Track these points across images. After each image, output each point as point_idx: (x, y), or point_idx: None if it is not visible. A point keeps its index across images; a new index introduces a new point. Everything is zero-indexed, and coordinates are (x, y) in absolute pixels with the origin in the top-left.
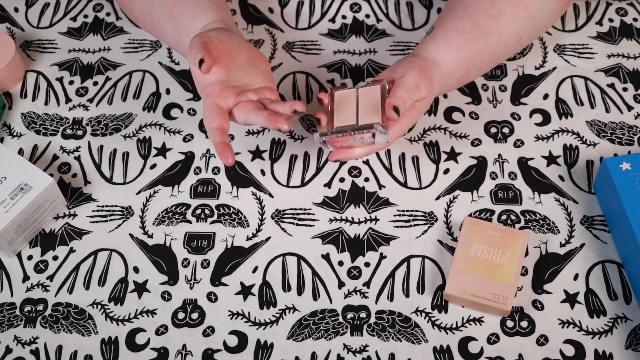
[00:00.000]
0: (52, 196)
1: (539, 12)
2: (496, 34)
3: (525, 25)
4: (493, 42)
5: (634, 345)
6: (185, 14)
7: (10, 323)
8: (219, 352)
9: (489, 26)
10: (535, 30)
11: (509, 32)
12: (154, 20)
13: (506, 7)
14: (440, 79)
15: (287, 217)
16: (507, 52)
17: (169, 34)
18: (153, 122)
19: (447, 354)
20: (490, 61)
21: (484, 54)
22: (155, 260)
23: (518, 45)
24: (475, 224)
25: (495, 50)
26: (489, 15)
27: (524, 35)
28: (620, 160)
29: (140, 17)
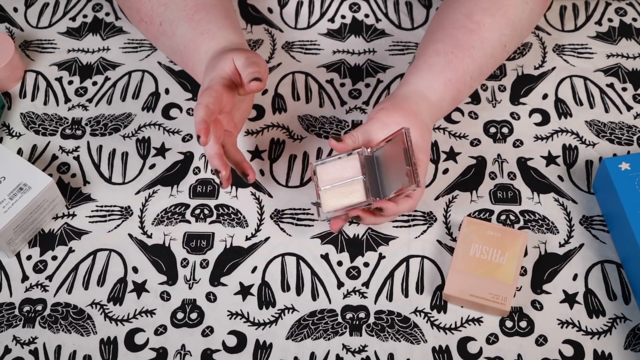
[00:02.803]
0: (51, 196)
1: (518, 16)
2: (480, 48)
3: (507, 31)
4: (478, 56)
5: (633, 345)
6: (211, 22)
7: (9, 323)
8: (218, 352)
9: (471, 41)
10: (519, 34)
11: (492, 44)
12: (164, 21)
13: (484, 18)
14: (430, 106)
15: (286, 217)
16: (494, 62)
17: (180, 35)
18: (152, 122)
19: (446, 354)
20: (480, 76)
21: (471, 70)
22: (155, 260)
23: (504, 53)
24: (475, 224)
25: (483, 65)
26: (469, 30)
27: (509, 42)
28: (620, 160)
29: (147, 17)
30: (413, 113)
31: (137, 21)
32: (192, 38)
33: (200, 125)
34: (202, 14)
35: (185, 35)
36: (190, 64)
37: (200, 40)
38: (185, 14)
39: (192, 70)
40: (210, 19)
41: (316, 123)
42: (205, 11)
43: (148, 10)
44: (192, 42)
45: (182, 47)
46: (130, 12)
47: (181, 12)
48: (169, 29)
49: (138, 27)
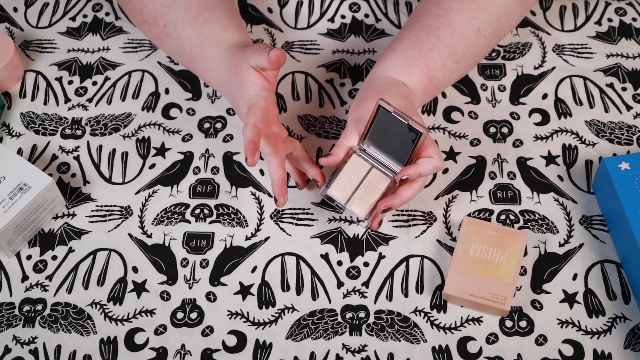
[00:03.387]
0: (51, 196)
1: (491, 2)
2: (447, 29)
3: (479, 15)
4: (446, 35)
5: (633, 344)
6: (215, 24)
7: (9, 323)
8: (218, 351)
9: (437, 24)
10: (495, 19)
11: (461, 24)
12: (168, 23)
13: (453, 4)
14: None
15: (286, 216)
16: (469, 44)
17: (186, 38)
18: (152, 122)
19: (446, 354)
20: (453, 55)
21: (439, 48)
22: (154, 260)
23: (480, 37)
24: (474, 223)
25: (453, 44)
26: (436, 15)
27: (483, 26)
28: (619, 160)
29: (150, 19)
30: (380, 91)
31: (140, 23)
32: (198, 42)
33: (249, 145)
34: (206, 16)
35: (192, 39)
36: (200, 70)
37: (205, 45)
38: (190, 16)
39: (203, 75)
40: (214, 21)
41: (316, 123)
42: (209, 12)
43: (151, 12)
44: (199, 48)
45: (189, 51)
46: (133, 14)
47: (185, 14)
48: (173, 31)
49: (141, 29)
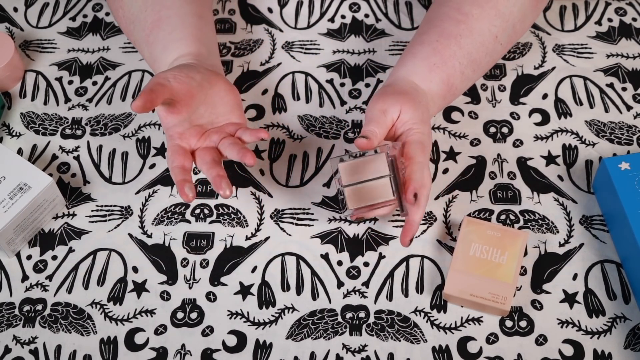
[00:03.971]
0: (51, 196)
1: (509, 9)
2: (468, 36)
3: (498, 22)
4: (466, 43)
5: (633, 344)
6: (158, 43)
7: (9, 323)
8: (218, 351)
9: (458, 30)
10: (511, 27)
11: (481, 32)
12: (135, 42)
13: (473, 9)
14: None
15: (286, 216)
16: (487, 53)
17: (146, 58)
18: (152, 122)
19: (446, 354)
20: (472, 64)
21: (459, 56)
22: (155, 260)
23: (497, 45)
24: (474, 223)
25: (472, 52)
26: (456, 21)
27: (500, 34)
28: (619, 160)
29: (127, 34)
30: (404, 91)
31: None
32: (152, 63)
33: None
34: (154, 35)
35: (148, 60)
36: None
37: (155, 67)
38: (145, 35)
39: None
40: (159, 39)
41: (316, 123)
42: (157, 29)
43: (124, 27)
44: (152, 67)
45: (151, 62)
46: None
47: (142, 33)
48: (140, 50)
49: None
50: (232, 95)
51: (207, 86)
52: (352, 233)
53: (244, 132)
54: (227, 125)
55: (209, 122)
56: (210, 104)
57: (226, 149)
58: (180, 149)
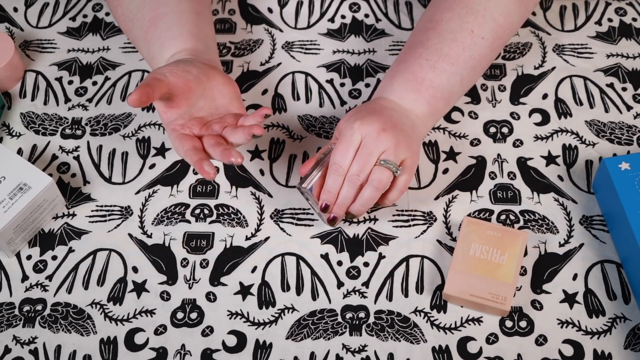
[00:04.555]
0: (51, 196)
1: (482, 4)
2: (435, 37)
3: (471, 19)
4: (433, 43)
5: (633, 345)
6: (156, 41)
7: (9, 323)
8: (218, 352)
9: (425, 37)
10: (490, 20)
11: (452, 30)
12: (134, 40)
13: (444, 14)
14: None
15: (286, 217)
16: (464, 47)
17: (145, 57)
18: (152, 122)
19: (446, 354)
20: (446, 57)
21: (426, 55)
22: (154, 260)
23: (477, 39)
24: (474, 223)
25: (443, 48)
26: (425, 29)
27: (477, 28)
28: (620, 160)
29: (125, 31)
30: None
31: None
32: (149, 60)
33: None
34: (152, 33)
35: (147, 58)
36: None
37: (153, 64)
38: (143, 33)
39: None
40: (156, 37)
41: (316, 123)
42: (154, 27)
43: (122, 25)
44: (150, 64)
45: (149, 60)
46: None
47: (140, 31)
48: (138, 48)
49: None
50: (230, 87)
51: (204, 79)
52: (352, 233)
53: (245, 118)
54: (227, 116)
55: (209, 114)
56: (210, 97)
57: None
58: (187, 135)
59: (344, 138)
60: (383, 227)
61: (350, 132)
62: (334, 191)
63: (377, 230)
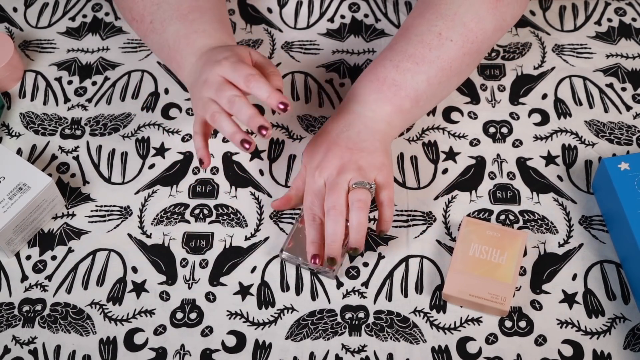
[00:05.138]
0: (50, 196)
1: (453, 9)
2: (401, 41)
3: (440, 23)
4: (399, 45)
5: (632, 345)
6: (206, 23)
7: (8, 323)
8: (218, 352)
9: (395, 41)
10: (460, 24)
11: (418, 33)
12: (155, 19)
13: (413, 20)
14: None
15: (285, 217)
16: (431, 48)
17: (172, 31)
18: (152, 122)
19: (446, 354)
20: (410, 57)
21: (390, 56)
22: (154, 260)
23: (446, 41)
24: (474, 224)
25: (408, 49)
26: (397, 36)
27: (445, 31)
28: (619, 160)
29: (138, 16)
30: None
31: (129, 20)
32: (185, 34)
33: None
34: (197, 15)
35: (178, 32)
36: (179, 57)
37: (194, 37)
38: (179, 14)
39: (179, 63)
40: (205, 20)
41: (316, 123)
42: (200, 12)
43: (140, 9)
44: (185, 38)
45: (172, 42)
46: (124, 12)
47: (174, 12)
48: (159, 26)
49: (130, 26)
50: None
51: None
52: None
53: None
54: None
55: None
56: None
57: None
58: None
59: (309, 189)
60: None
61: (312, 181)
62: (317, 240)
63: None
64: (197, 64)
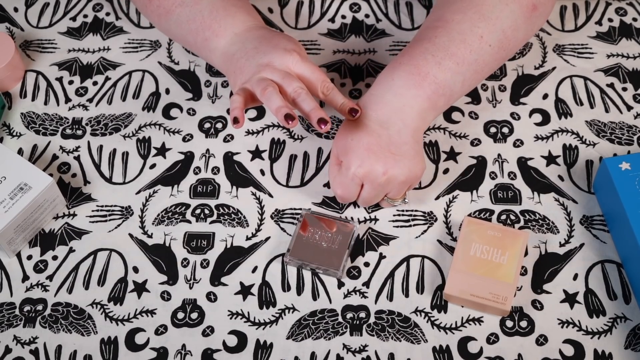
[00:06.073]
0: (51, 196)
1: (495, 13)
2: (444, 35)
3: (482, 25)
4: (442, 41)
5: (634, 345)
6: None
7: (9, 323)
8: (219, 352)
9: (434, 33)
10: (500, 30)
11: (461, 31)
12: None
13: (455, 16)
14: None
15: (286, 217)
16: (472, 50)
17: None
18: (152, 122)
19: (447, 354)
20: (452, 57)
21: (432, 50)
22: (155, 260)
23: (485, 46)
24: (475, 223)
25: (450, 47)
26: (434, 27)
27: (486, 35)
28: (620, 160)
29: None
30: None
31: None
32: (223, 6)
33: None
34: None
35: (214, 3)
36: (215, 25)
37: (233, 10)
38: None
39: (215, 31)
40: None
41: None
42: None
43: None
44: (223, 10)
45: (208, 12)
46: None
47: None
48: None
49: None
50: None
51: None
52: None
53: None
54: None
55: None
56: None
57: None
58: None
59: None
60: (383, 227)
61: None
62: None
63: (378, 230)
64: (244, 37)
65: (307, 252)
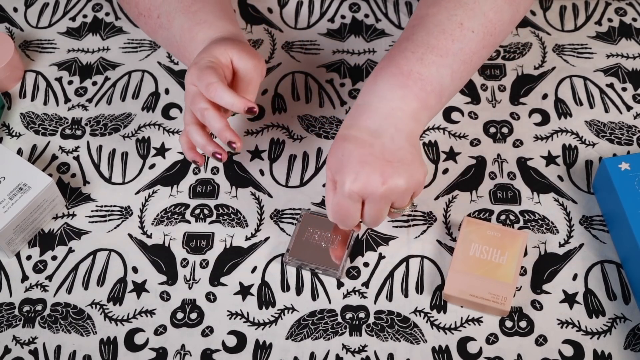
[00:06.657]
0: (51, 196)
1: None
2: (421, 32)
3: (459, 12)
4: (420, 36)
5: (633, 345)
6: (209, 13)
7: (9, 323)
8: (218, 352)
9: (412, 31)
10: (481, 14)
11: (438, 23)
12: (161, 13)
13: (429, 9)
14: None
15: (286, 217)
16: (453, 39)
17: (177, 26)
18: (152, 122)
19: (446, 354)
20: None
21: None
22: (154, 260)
23: (467, 32)
24: (474, 224)
25: (430, 40)
26: (411, 26)
27: (466, 21)
28: (619, 160)
29: (145, 11)
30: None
31: (135, 15)
32: (189, 28)
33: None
34: (199, 6)
35: (182, 26)
36: (187, 53)
37: (196, 29)
38: (183, 6)
39: (188, 60)
40: (207, 11)
41: (316, 123)
42: (202, 3)
43: (146, 4)
44: (189, 32)
45: (179, 38)
46: (129, 7)
47: (178, 5)
48: (165, 21)
49: (137, 22)
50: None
51: None
52: None
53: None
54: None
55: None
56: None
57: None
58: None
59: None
60: (383, 227)
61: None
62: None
63: (377, 231)
64: None
65: (306, 252)
